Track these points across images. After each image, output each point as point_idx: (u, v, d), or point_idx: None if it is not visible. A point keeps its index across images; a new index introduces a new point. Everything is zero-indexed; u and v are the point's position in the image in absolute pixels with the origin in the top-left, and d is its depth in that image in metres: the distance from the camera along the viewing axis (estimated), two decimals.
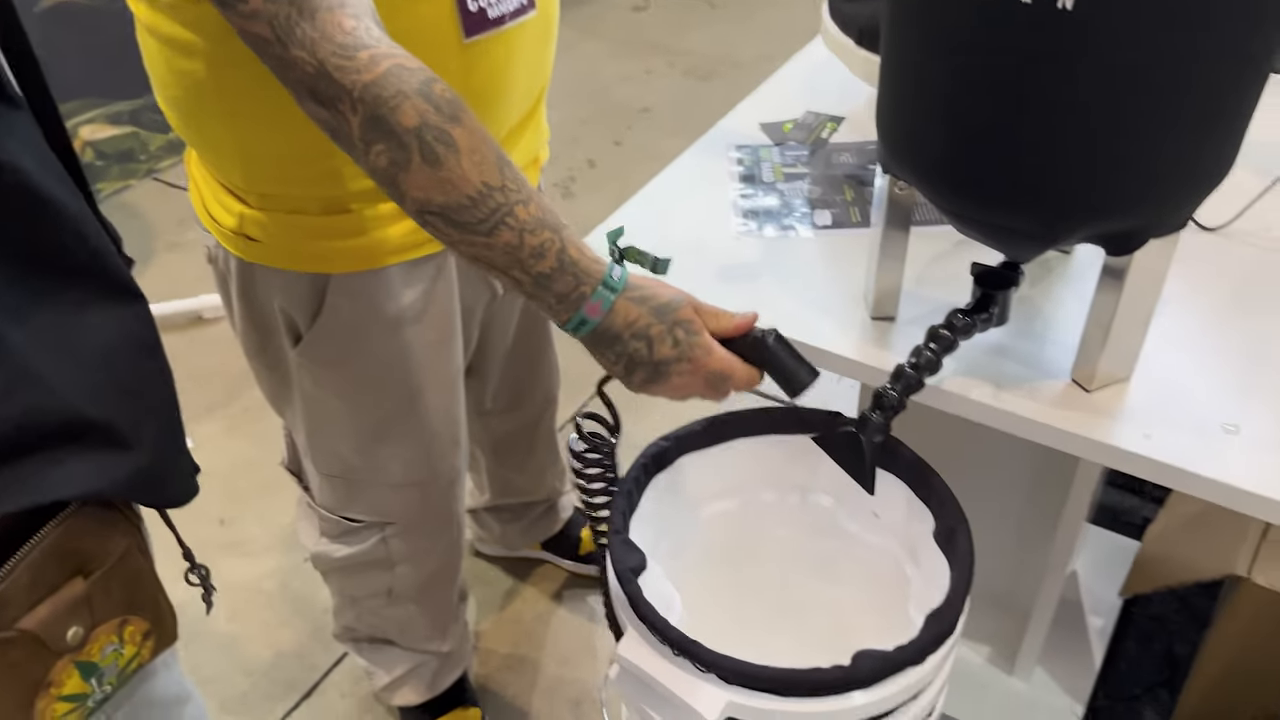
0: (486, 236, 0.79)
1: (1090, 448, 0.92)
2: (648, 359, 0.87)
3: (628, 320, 0.85)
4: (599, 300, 0.83)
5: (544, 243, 0.80)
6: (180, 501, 0.86)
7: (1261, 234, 1.12)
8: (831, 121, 1.35)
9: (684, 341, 0.87)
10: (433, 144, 0.75)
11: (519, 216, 0.79)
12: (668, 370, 0.88)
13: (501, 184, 0.78)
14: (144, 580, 0.86)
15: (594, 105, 3.30)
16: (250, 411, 2.20)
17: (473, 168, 0.77)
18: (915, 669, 0.86)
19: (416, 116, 0.75)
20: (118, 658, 0.83)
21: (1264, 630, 1.34)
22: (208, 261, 1.15)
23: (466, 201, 0.77)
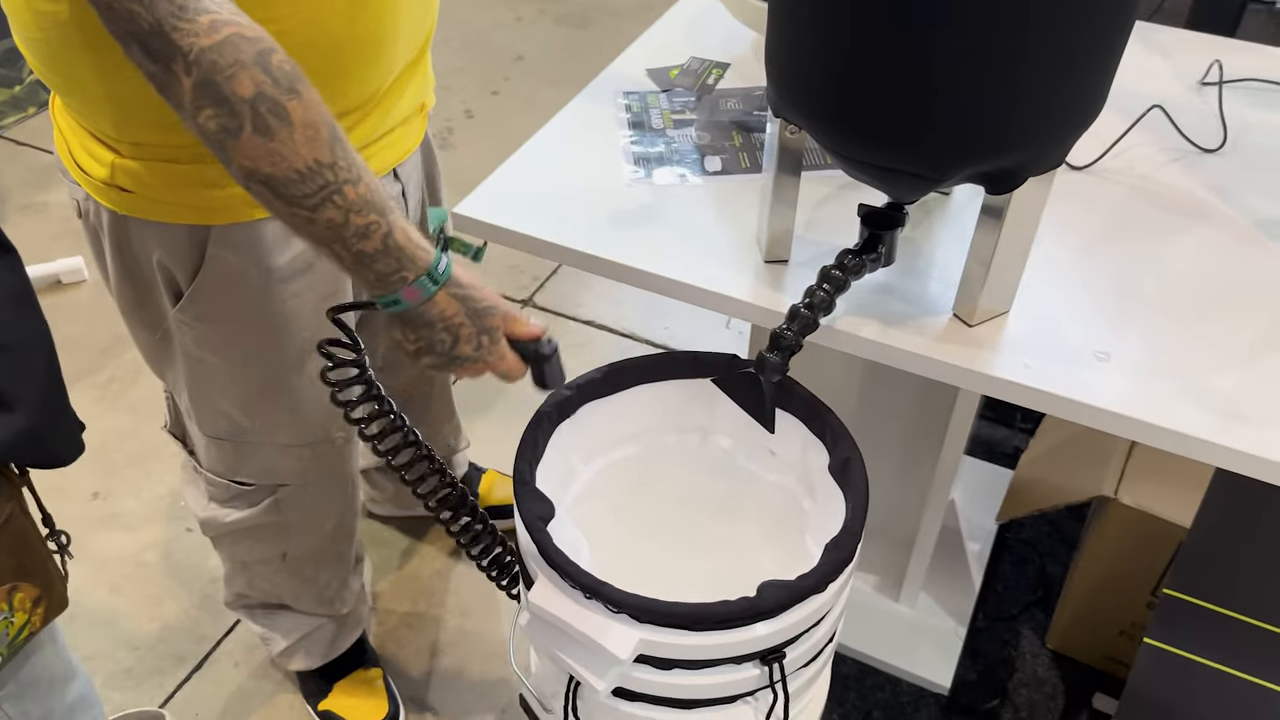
0: (311, 211, 0.78)
1: (974, 379, 0.96)
2: (447, 351, 0.89)
3: (444, 314, 0.87)
4: (420, 288, 0.84)
5: (370, 224, 0.80)
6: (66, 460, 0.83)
7: (1126, 171, 1.18)
8: (717, 68, 1.36)
9: (485, 347, 0.91)
10: (266, 116, 0.74)
11: (347, 196, 0.79)
12: (459, 363, 0.91)
13: (332, 161, 0.78)
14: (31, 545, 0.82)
15: (468, 54, 3.23)
16: (119, 380, 2.10)
17: (305, 143, 0.76)
18: (817, 597, 0.89)
19: (253, 87, 0.74)
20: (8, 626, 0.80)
21: (1130, 547, 1.44)
22: (77, 216, 1.09)
23: (295, 175, 0.77)
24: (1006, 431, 1.98)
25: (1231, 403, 0.92)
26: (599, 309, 2.32)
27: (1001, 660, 1.63)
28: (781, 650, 0.90)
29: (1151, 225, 1.11)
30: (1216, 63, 1.33)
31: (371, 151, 1.08)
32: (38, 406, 0.79)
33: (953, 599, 1.68)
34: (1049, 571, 1.74)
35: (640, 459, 1.09)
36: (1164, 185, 1.16)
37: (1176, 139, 1.22)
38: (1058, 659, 1.62)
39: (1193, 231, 1.10)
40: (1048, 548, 1.78)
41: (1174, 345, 0.97)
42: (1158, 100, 1.25)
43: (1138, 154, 1.20)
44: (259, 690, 1.62)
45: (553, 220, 1.11)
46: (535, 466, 0.97)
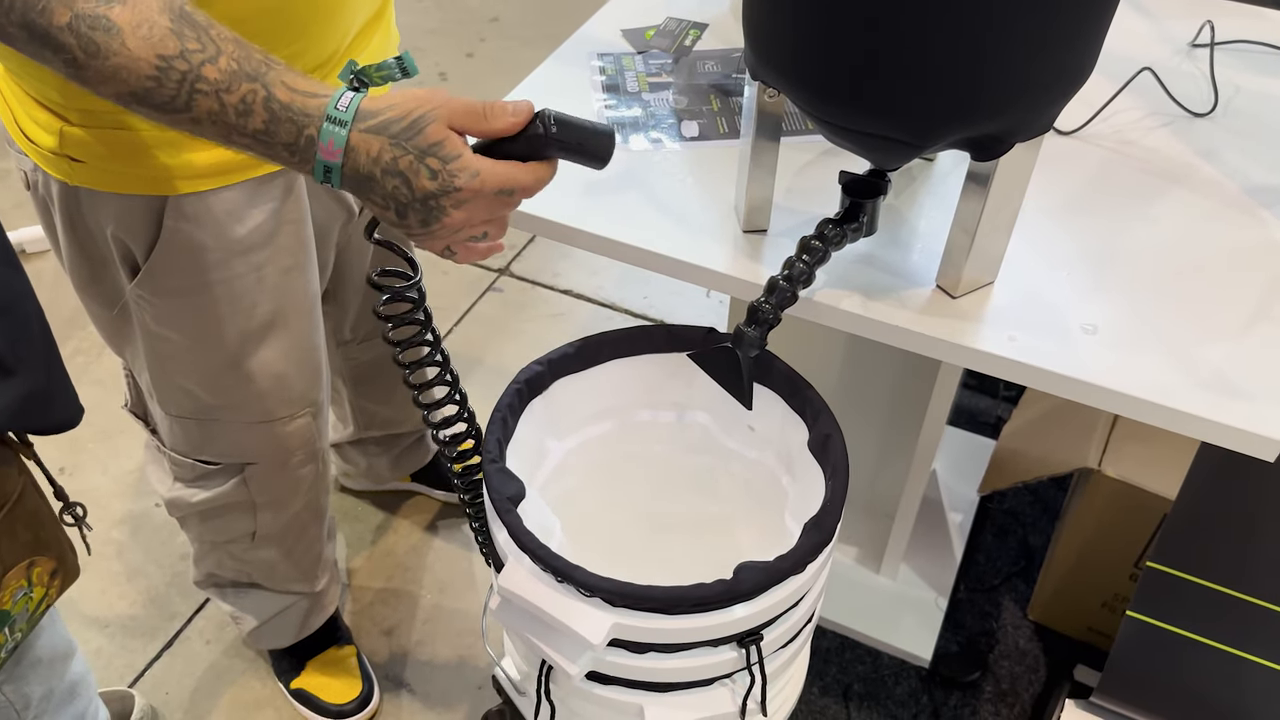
0: (188, 111, 0.71)
1: (957, 353, 0.94)
2: (410, 197, 0.73)
3: (371, 156, 0.72)
4: (329, 139, 0.71)
5: (245, 95, 0.71)
6: (71, 424, 0.81)
7: (1114, 136, 1.15)
8: (695, 28, 1.31)
9: (441, 171, 0.72)
10: (89, 34, 0.68)
11: (209, 78, 0.70)
12: (439, 205, 0.74)
13: (180, 50, 0.70)
14: (44, 518, 0.81)
15: (442, 14, 3.15)
16: (84, 353, 2.05)
17: (141, 44, 0.69)
18: (796, 578, 0.86)
19: (66, 11, 0.68)
20: (28, 602, 0.79)
21: (1113, 519, 1.42)
22: (25, 188, 1.04)
23: (150, 82, 0.70)
24: (989, 401, 1.96)
25: (1219, 376, 0.89)
26: (576, 278, 2.28)
27: (983, 632, 1.62)
28: (759, 632, 0.88)
29: (1140, 192, 1.08)
30: (1208, 24, 1.29)
31: None
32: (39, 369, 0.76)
33: (934, 571, 1.67)
34: (1031, 543, 1.73)
35: (614, 436, 1.06)
36: (1153, 150, 1.13)
37: (1166, 103, 1.19)
38: (1039, 631, 1.61)
39: (1182, 198, 1.07)
40: (1030, 519, 1.77)
41: (1161, 316, 0.94)
42: (1147, 63, 1.22)
43: (1126, 118, 1.17)
44: (231, 669, 1.59)
45: None
46: (505, 445, 0.94)
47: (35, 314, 0.77)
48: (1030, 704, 1.53)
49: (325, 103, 0.72)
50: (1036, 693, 1.55)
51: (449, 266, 2.30)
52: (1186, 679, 1.25)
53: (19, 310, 0.75)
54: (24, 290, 0.77)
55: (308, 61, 0.96)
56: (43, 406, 0.77)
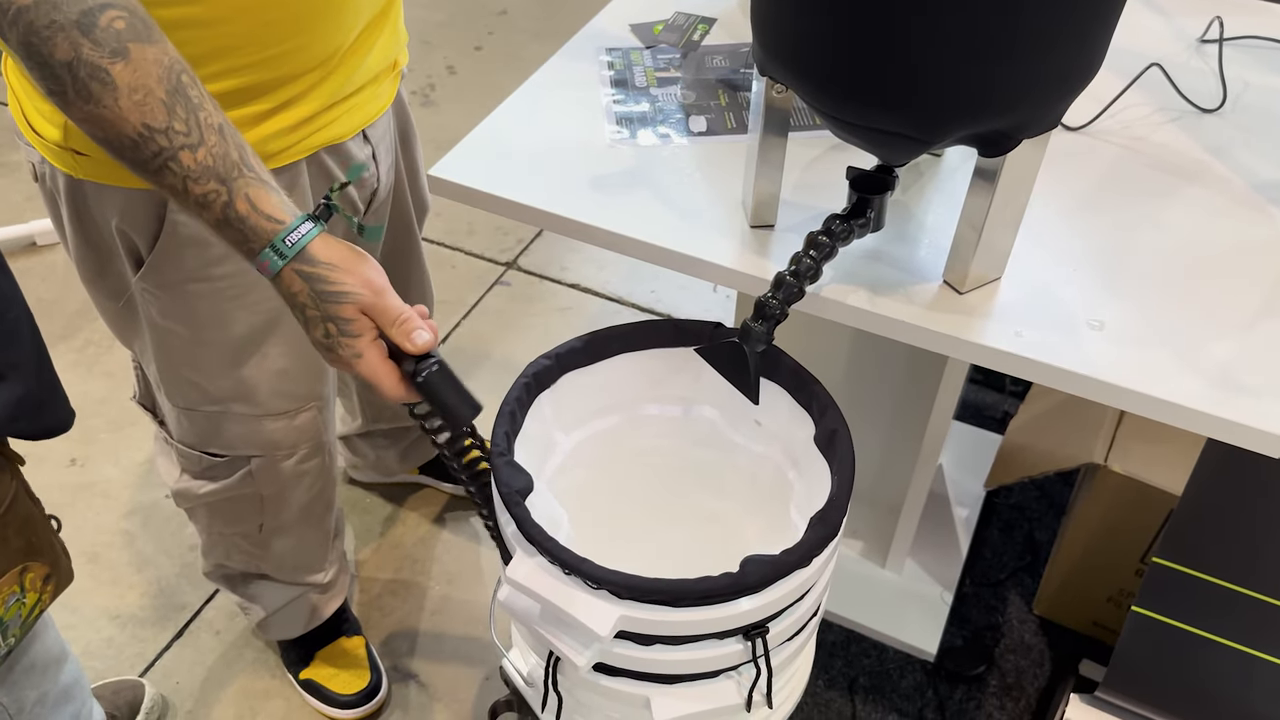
0: (153, 175, 0.74)
1: (964, 348, 0.94)
2: (308, 332, 0.81)
3: (290, 291, 0.78)
4: (266, 261, 0.77)
5: (208, 194, 0.75)
6: (62, 428, 0.81)
7: (1122, 132, 1.15)
8: (703, 23, 1.31)
9: (334, 338, 0.79)
10: (86, 81, 0.70)
11: (183, 163, 0.74)
12: (323, 351, 0.81)
13: (166, 126, 0.73)
14: (37, 524, 0.81)
15: (451, 7, 3.16)
16: (95, 344, 2.06)
17: (132, 108, 0.71)
18: (802, 571, 0.87)
19: (70, 50, 0.69)
20: (20, 608, 0.79)
21: (1119, 514, 1.42)
22: (34, 180, 1.05)
23: (128, 142, 0.72)
24: (996, 396, 1.96)
25: (1225, 372, 0.89)
26: (584, 272, 2.29)
27: (988, 627, 1.62)
28: (765, 625, 0.88)
29: (1148, 187, 1.08)
30: (1217, 20, 1.29)
31: (338, 112, 1.04)
32: (31, 373, 0.76)
33: (940, 565, 1.67)
34: (1037, 538, 1.73)
35: (622, 430, 1.06)
36: (1161, 146, 1.13)
37: (1175, 98, 1.19)
38: (1045, 625, 1.62)
39: (1190, 194, 1.07)
40: (1036, 514, 1.77)
41: (1169, 312, 0.94)
42: (1156, 58, 1.22)
43: (1135, 114, 1.17)
44: (240, 659, 1.61)
45: (530, 183, 1.07)
46: (514, 438, 0.95)
47: (25, 318, 0.77)
48: (1035, 698, 1.54)
49: (278, 231, 0.76)
50: (1041, 687, 1.55)
51: (457, 261, 2.30)
52: (1191, 674, 1.25)
53: (9, 316, 0.75)
54: (13, 295, 0.77)
55: (311, 57, 0.97)
56: (33, 411, 0.77)
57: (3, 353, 0.74)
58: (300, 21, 0.93)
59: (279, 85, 0.96)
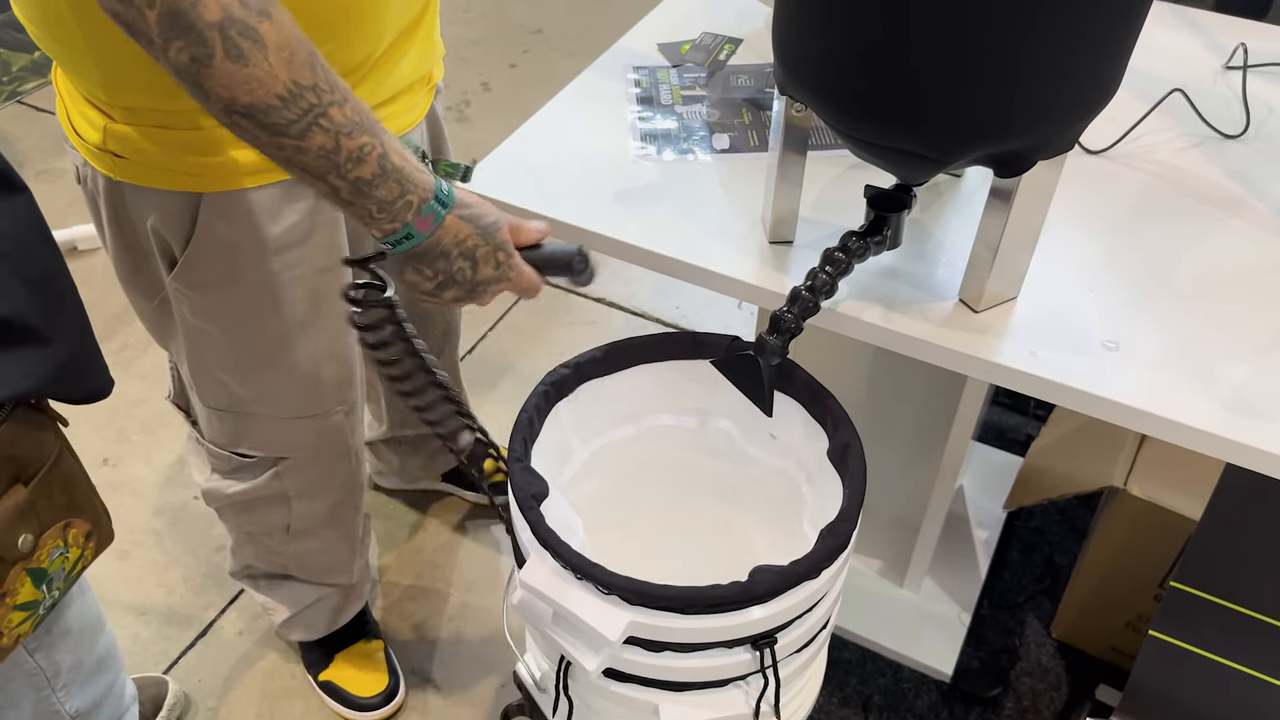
0: (298, 139, 0.75)
1: (977, 366, 0.95)
2: (469, 279, 0.86)
3: (458, 238, 0.83)
4: (430, 214, 0.80)
5: (363, 146, 0.76)
6: (103, 393, 0.84)
7: (1143, 156, 1.15)
8: (730, 43, 1.34)
9: (504, 264, 0.87)
10: (237, 39, 0.70)
11: (334, 118, 0.75)
12: (484, 289, 0.88)
13: (314, 83, 0.74)
14: (79, 481, 0.84)
15: (487, 25, 3.20)
16: (131, 348, 2.11)
17: (281, 65, 0.72)
18: (811, 582, 0.88)
19: (219, 10, 0.70)
20: (64, 561, 0.82)
21: (1139, 538, 1.42)
22: (77, 182, 1.08)
23: (276, 101, 0.73)
24: (1020, 418, 1.96)
25: (1243, 396, 0.90)
26: (610, 287, 2.31)
27: (1005, 649, 1.61)
28: (773, 635, 0.89)
29: (1168, 212, 1.08)
30: (1241, 46, 1.30)
31: None
32: (74, 338, 0.80)
33: (958, 586, 1.67)
34: (1057, 561, 1.73)
35: (638, 439, 1.08)
36: (1182, 171, 1.13)
37: (1197, 124, 1.19)
38: (1063, 649, 1.61)
39: (1210, 219, 1.07)
40: (1056, 537, 1.77)
41: (1186, 336, 0.95)
42: (1179, 84, 1.22)
43: (1156, 139, 1.18)
44: (262, 659, 1.63)
45: (557, 196, 1.10)
46: (531, 445, 0.96)
47: (70, 288, 0.81)
48: None
49: (433, 182, 0.80)
50: (1057, 711, 1.54)
51: None
52: (1208, 701, 1.24)
53: (55, 284, 0.79)
54: (59, 266, 0.80)
55: (341, 62, 0.98)
56: (76, 375, 0.80)
57: (48, 319, 0.77)
58: (328, 28, 0.94)
59: None
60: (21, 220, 0.77)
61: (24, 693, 0.91)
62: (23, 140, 2.70)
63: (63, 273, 0.80)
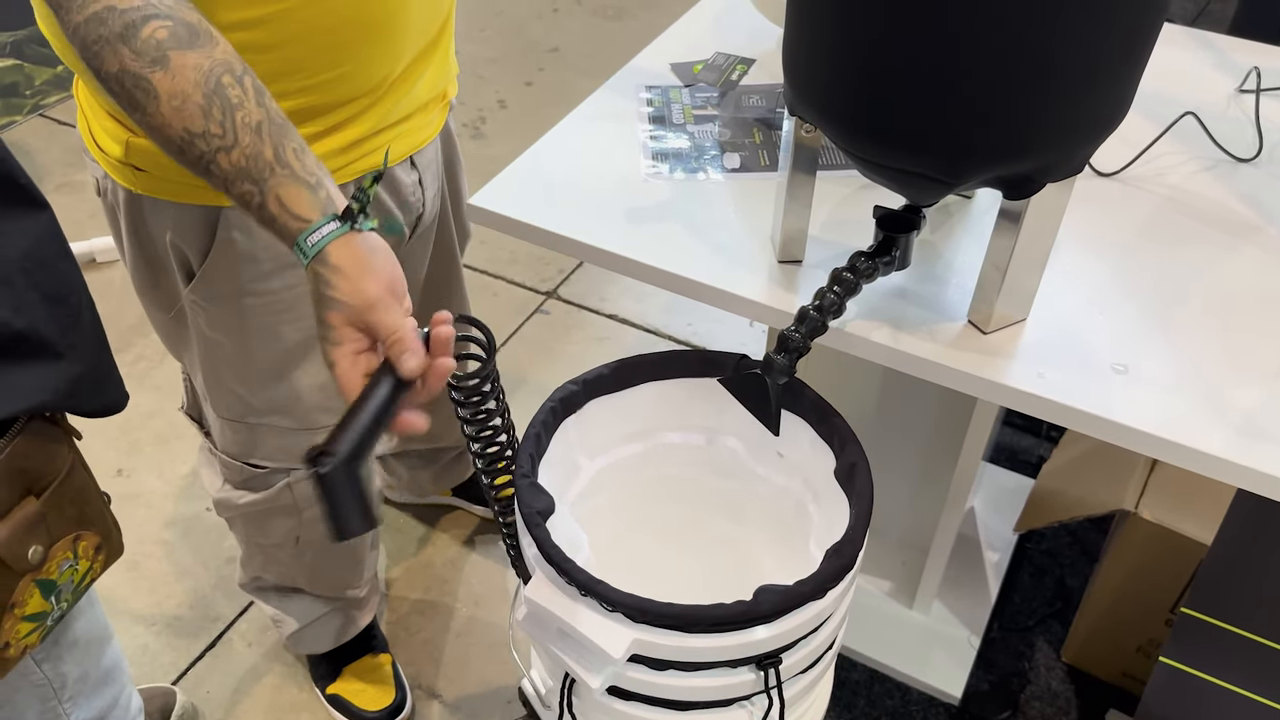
0: (206, 177, 0.78)
1: (985, 387, 0.95)
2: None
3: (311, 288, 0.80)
4: (298, 257, 0.79)
5: (245, 194, 0.78)
6: (118, 408, 0.85)
7: (1154, 179, 1.15)
8: (742, 64, 1.34)
9: (325, 338, 0.80)
10: (131, 90, 0.75)
11: (220, 165, 0.77)
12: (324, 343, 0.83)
13: (204, 130, 0.76)
14: (91, 495, 0.85)
15: (503, 43, 3.23)
16: (147, 359, 2.12)
17: (173, 114, 0.75)
18: (816, 603, 0.88)
19: (116, 63, 0.74)
20: (73, 574, 0.83)
21: (1150, 563, 1.41)
22: (97, 194, 1.10)
23: (173, 145, 0.77)
24: (1032, 440, 1.95)
25: (1254, 421, 0.89)
26: (623, 304, 2.31)
27: (1015, 672, 1.60)
28: (778, 656, 0.89)
29: (1179, 235, 1.08)
30: (1255, 69, 1.29)
31: (387, 138, 1.08)
32: (89, 353, 0.81)
33: (968, 608, 1.66)
34: (1068, 584, 1.71)
35: (645, 457, 1.08)
36: (1194, 194, 1.13)
37: (1210, 147, 1.19)
38: (1073, 673, 1.60)
39: (1221, 242, 1.07)
40: (1068, 560, 1.75)
41: (1196, 359, 0.95)
42: (1192, 106, 1.22)
43: (1168, 162, 1.17)
44: (270, 671, 1.63)
45: (568, 214, 1.10)
46: (538, 461, 0.97)
47: (87, 304, 0.82)
48: None
49: (303, 229, 0.77)
50: None
51: (498, 289, 2.34)
52: None
53: (72, 300, 0.80)
54: (78, 283, 0.81)
55: (358, 84, 1.00)
56: (91, 390, 0.81)
57: (65, 334, 0.78)
58: (348, 49, 0.96)
59: (329, 109, 1.00)
60: (42, 237, 0.78)
61: (30, 704, 0.92)
62: (44, 153, 2.74)
63: (81, 289, 0.82)
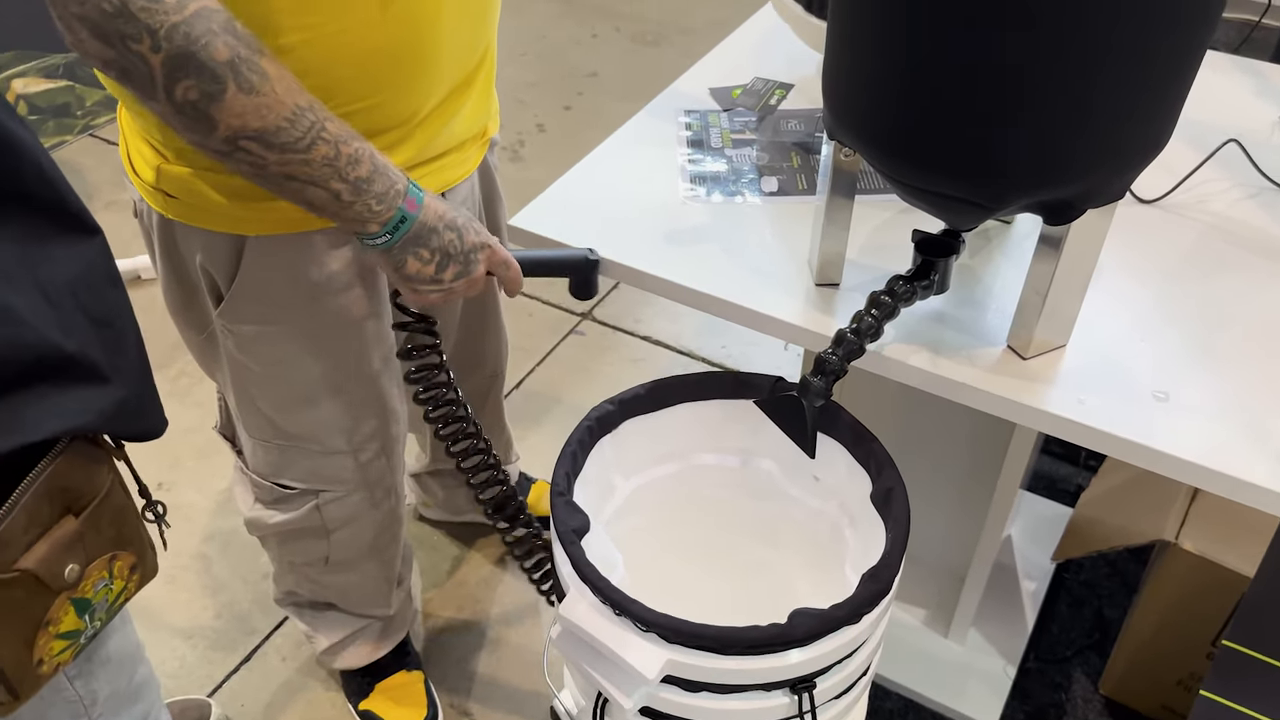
0: (305, 153, 0.84)
1: (1025, 413, 0.94)
2: (460, 249, 0.95)
3: (438, 213, 0.93)
4: (413, 196, 0.91)
5: (357, 151, 0.87)
6: (158, 431, 0.87)
7: (1196, 207, 1.14)
8: (780, 88, 1.35)
9: (483, 231, 0.96)
10: (247, 74, 0.80)
11: (331, 131, 0.85)
12: (476, 258, 0.96)
13: (310, 103, 0.84)
14: (129, 515, 0.86)
15: (543, 68, 3.26)
16: (188, 375, 2.16)
17: (286, 92, 0.82)
18: (851, 628, 0.87)
19: (228, 51, 0.79)
20: (108, 593, 0.84)
21: (1191, 594, 1.38)
22: (134, 216, 1.12)
23: (284, 123, 0.83)
24: (1070, 468, 1.93)
25: None
26: (657, 325, 2.32)
27: (1051, 704, 1.58)
28: (812, 680, 0.88)
29: (1221, 263, 1.07)
30: None
31: (418, 174, 1.06)
32: (133, 378, 0.82)
33: (1004, 638, 1.64)
34: (1106, 615, 1.69)
35: (680, 477, 1.08)
36: (1237, 222, 1.12)
37: (1253, 175, 1.18)
38: (1111, 706, 1.57)
39: (1265, 271, 1.06)
40: (1107, 590, 1.73)
41: (1238, 388, 0.93)
42: (1236, 134, 1.21)
43: (1212, 189, 1.17)
44: (304, 686, 1.65)
45: (606, 236, 1.11)
46: (574, 479, 0.97)
47: (132, 329, 0.84)
48: None
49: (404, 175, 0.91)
50: None
51: (534, 309, 2.36)
52: None
53: (118, 325, 0.81)
54: (125, 308, 0.83)
55: (387, 116, 1.00)
56: (134, 414, 0.83)
57: (110, 358, 0.80)
58: (378, 80, 0.96)
59: None
60: (92, 263, 0.80)
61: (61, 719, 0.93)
62: (94, 172, 2.80)
63: (127, 314, 0.83)
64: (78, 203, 0.78)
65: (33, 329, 0.72)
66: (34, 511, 0.75)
